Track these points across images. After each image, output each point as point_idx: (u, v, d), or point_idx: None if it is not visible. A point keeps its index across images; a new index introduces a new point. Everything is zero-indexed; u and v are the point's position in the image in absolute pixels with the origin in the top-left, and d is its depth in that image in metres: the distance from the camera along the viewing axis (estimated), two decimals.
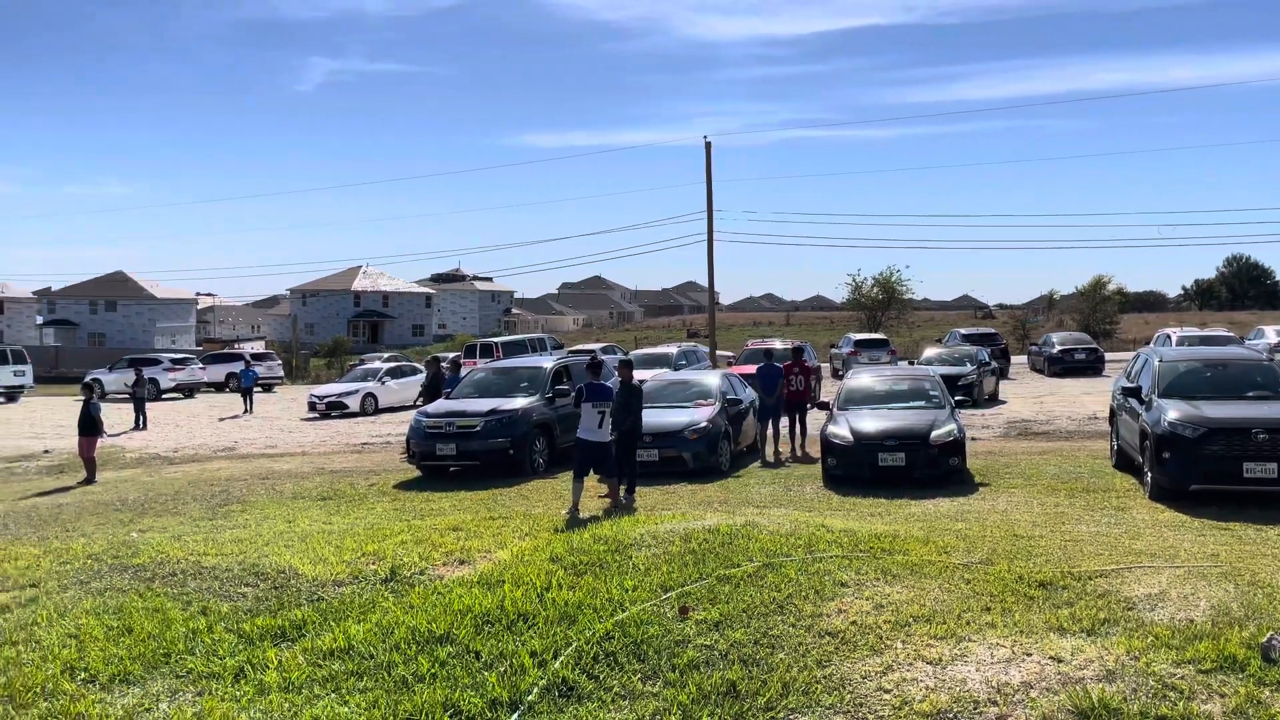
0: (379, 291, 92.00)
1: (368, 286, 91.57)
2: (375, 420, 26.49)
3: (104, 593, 7.50)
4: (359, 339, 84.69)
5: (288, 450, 20.12)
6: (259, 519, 11.15)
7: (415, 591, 7.06)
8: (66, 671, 5.76)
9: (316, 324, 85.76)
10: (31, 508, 13.21)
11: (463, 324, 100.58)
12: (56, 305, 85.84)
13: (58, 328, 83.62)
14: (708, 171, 38.00)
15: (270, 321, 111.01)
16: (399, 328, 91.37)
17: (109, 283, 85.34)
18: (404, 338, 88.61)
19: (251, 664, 5.76)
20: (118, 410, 28.50)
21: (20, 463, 19.61)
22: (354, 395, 28.57)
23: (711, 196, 38.07)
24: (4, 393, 36.52)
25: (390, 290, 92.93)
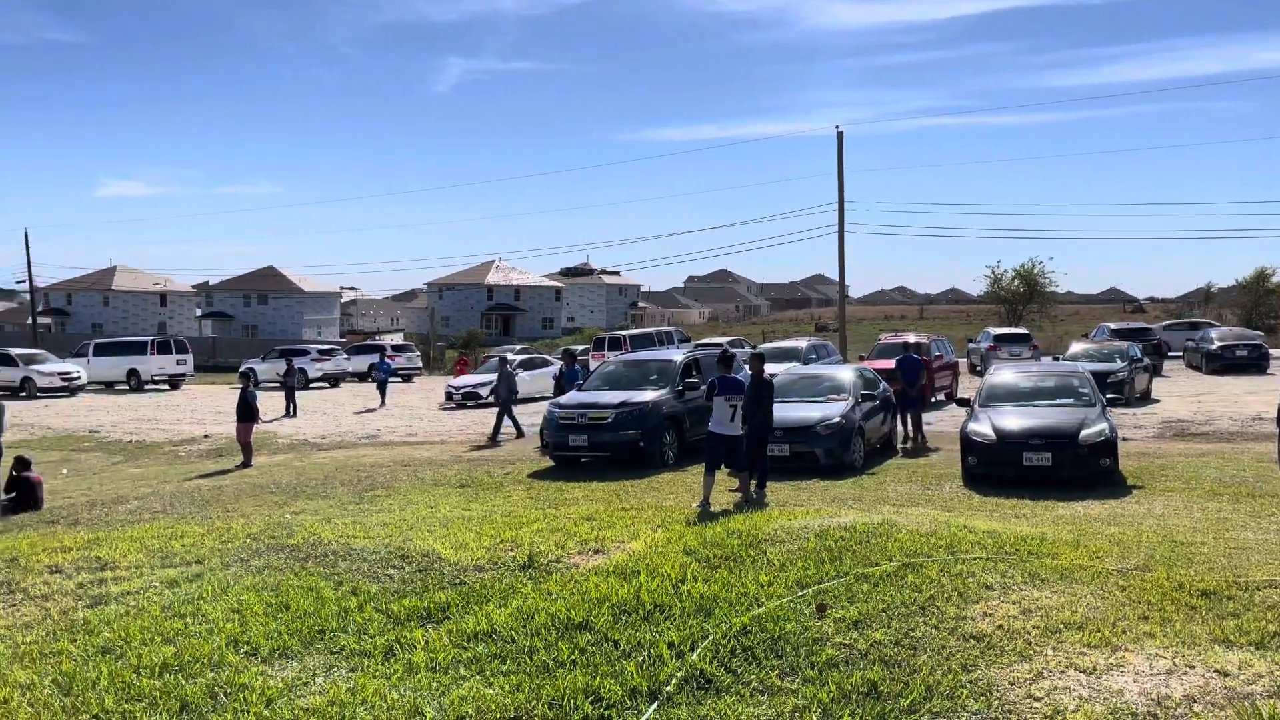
0: (511, 285, 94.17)
1: (500, 280, 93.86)
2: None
3: (262, 571, 7.91)
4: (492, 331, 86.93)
5: (427, 439, 20.83)
6: (402, 504, 11.57)
7: (553, 579, 7.18)
8: (230, 644, 6.09)
9: (452, 317, 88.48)
10: (195, 489, 14.08)
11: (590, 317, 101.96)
12: (214, 299, 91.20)
13: (215, 320, 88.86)
14: (839, 162, 37.35)
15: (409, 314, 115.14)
16: (529, 321, 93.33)
17: (261, 277, 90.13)
18: (534, 330, 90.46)
19: (400, 643, 5.98)
20: (269, 398, 30.08)
21: (184, 446, 20.96)
22: (488, 386, 29.30)
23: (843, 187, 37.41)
24: (168, 380, 39.04)
25: (521, 284, 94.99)
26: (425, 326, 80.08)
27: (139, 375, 38.01)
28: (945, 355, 25.17)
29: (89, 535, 9.70)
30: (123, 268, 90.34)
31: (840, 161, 37.31)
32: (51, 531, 10.34)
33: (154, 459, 19.44)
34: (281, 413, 26.73)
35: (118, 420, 26.61)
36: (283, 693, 5.30)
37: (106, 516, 11.57)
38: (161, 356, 38.72)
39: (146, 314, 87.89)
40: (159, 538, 9.32)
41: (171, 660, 5.81)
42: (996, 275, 58.52)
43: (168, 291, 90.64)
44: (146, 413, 28.89)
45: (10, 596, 7.56)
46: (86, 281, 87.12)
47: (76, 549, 8.89)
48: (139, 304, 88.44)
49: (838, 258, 38.01)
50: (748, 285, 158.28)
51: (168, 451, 20.31)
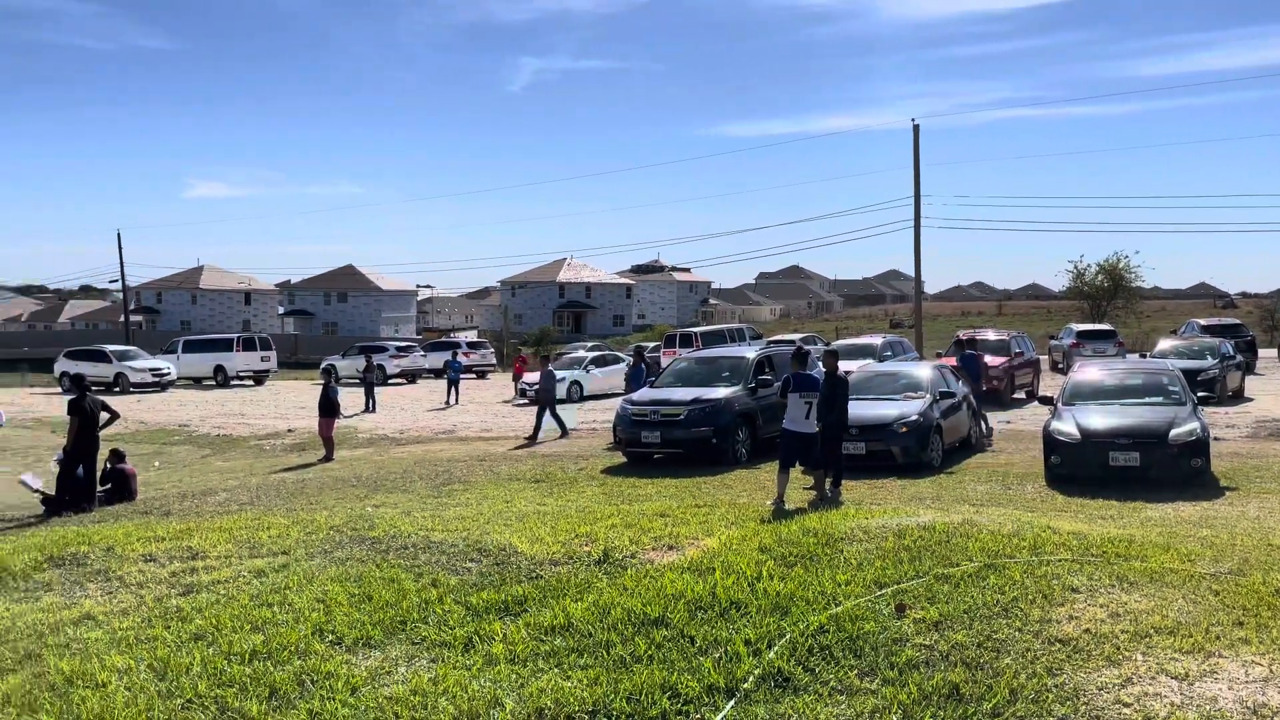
0: (582, 283, 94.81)
1: (572, 278, 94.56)
2: (581, 407, 27.30)
3: (345, 562, 8.10)
4: (563, 328, 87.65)
5: (501, 434, 21.10)
6: (479, 498, 11.74)
7: (628, 574, 7.21)
8: (316, 633, 6.26)
9: (525, 314, 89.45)
10: (280, 481, 14.48)
11: (661, 314, 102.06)
12: (295, 297, 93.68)
13: (296, 317, 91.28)
14: (915, 155, 36.73)
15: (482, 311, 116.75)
16: (601, 318, 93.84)
17: (340, 276, 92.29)
18: (605, 327, 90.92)
19: (479, 635, 6.07)
20: (349, 394, 30.79)
21: (268, 440, 21.57)
22: (561, 383, 29.55)
23: (919, 181, 36.80)
24: (252, 376, 40.23)
25: (593, 281, 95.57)
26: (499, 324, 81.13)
27: (225, 371, 39.27)
28: (1025, 352, 24.56)
29: (180, 526, 10.05)
30: (209, 267, 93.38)
31: (916, 155, 36.69)
32: (145, 521, 10.74)
33: (240, 453, 20.06)
34: (361, 408, 27.34)
35: (206, 415, 27.51)
36: (367, 681, 5.43)
37: (196, 508, 11.98)
38: (246, 353, 39.93)
39: (232, 312, 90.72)
40: (247, 529, 9.61)
41: (260, 648, 5.99)
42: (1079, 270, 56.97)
43: (252, 290, 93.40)
44: (233, 408, 29.81)
45: (108, 584, 7.88)
46: (175, 281, 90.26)
47: (169, 539, 9.22)
48: (225, 302, 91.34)
49: (914, 253, 37.39)
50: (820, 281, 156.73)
51: (253, 445, 20.93)
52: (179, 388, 37.83)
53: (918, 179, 36.71)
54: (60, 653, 6.16)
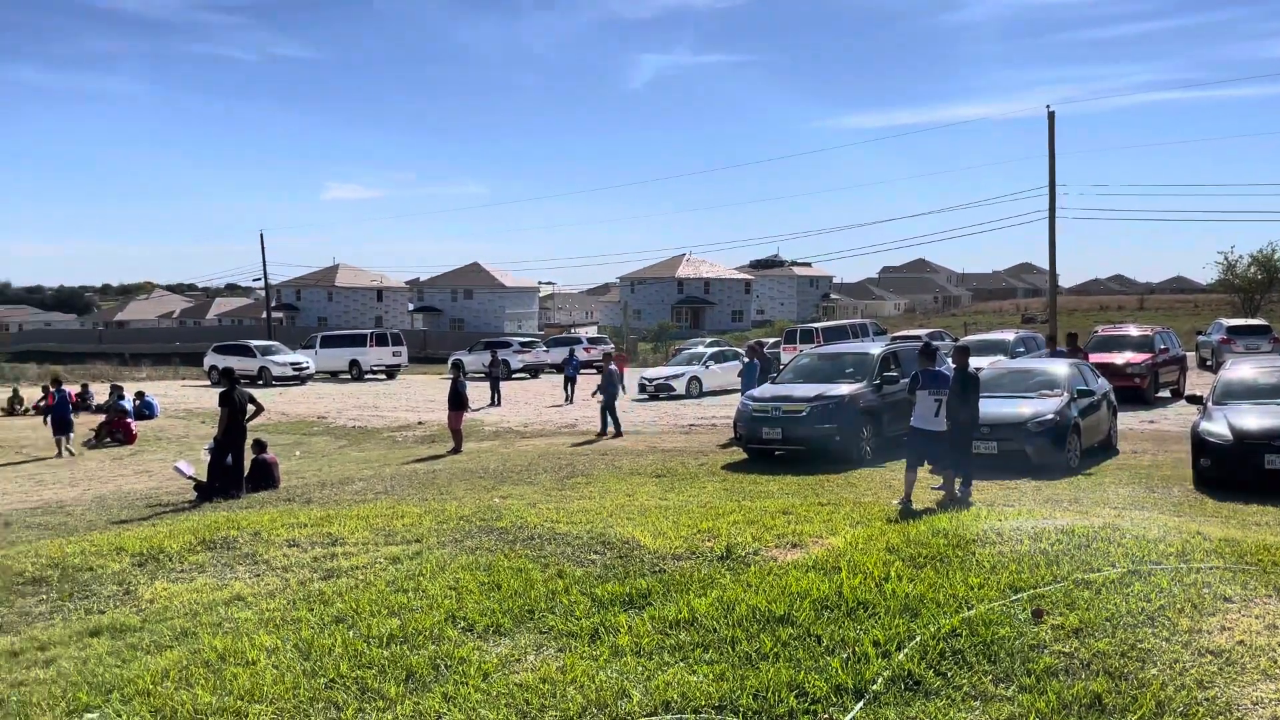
0: (701, 278, 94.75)
1: (690, 274, 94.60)
2: (700, 403, 27.32)
3: (475, 551, 8.33)
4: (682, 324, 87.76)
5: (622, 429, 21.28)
6: (601, 492, 11.89)
7: (751, 571, 7.18)
8: (449, 619, 6.46)
9: (643, 310, 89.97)
10: (411, 472, 15.00)
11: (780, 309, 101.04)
12: (424, 294, 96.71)
13: (425, 314, 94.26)
14: (1050, 143, 35.28)
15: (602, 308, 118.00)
16: (719, 313, 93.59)
17: (466, 273, 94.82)
18: (724, 323, 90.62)
19: (604, 626, 6.15)
20: (475, 388, 31.60)
21: (400, 432, 22.35)
22: (680, 378, 29.64)
23: (1054, 170, 35.32)
24: (385, 371, 41.75)
25: (711, 277, 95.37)
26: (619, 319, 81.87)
27: (359, 365, 40.88)
28: (1171, 349, 23.27)
29: (321, 513, 10.52)
30: (344, 265, 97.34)
31: (1051, 143, 35.23)
32: (288, 508, 11.29)
33: (375, 443, 20.85)
34: (487, 402, 28.02)
35: (342, 407, 28.70)
36: (498, 667, 5.57)
37: (335, 496, 12.52)
38: (379, 348, 41.49)
39: (365, 308, 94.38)
40: (382, 517, 10.00)
41: (397, 632, 6.22)
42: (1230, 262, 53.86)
43: (383, 287, 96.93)
44: (367, 400, 31.00)
45: (255, 567, 8.32)
46: (313, 279, 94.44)
47: (311, 525, 9.67)
48: (358, 299, 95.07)
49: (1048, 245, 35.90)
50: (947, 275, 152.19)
51: (386, 437, 21.73)
52: (317, 381, 39.55)
53: (1053, 168, 35.26)
54: (213, 631, 6.54)
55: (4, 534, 10.79)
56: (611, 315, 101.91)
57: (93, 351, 73.82)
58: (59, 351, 75.29)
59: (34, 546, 9.54)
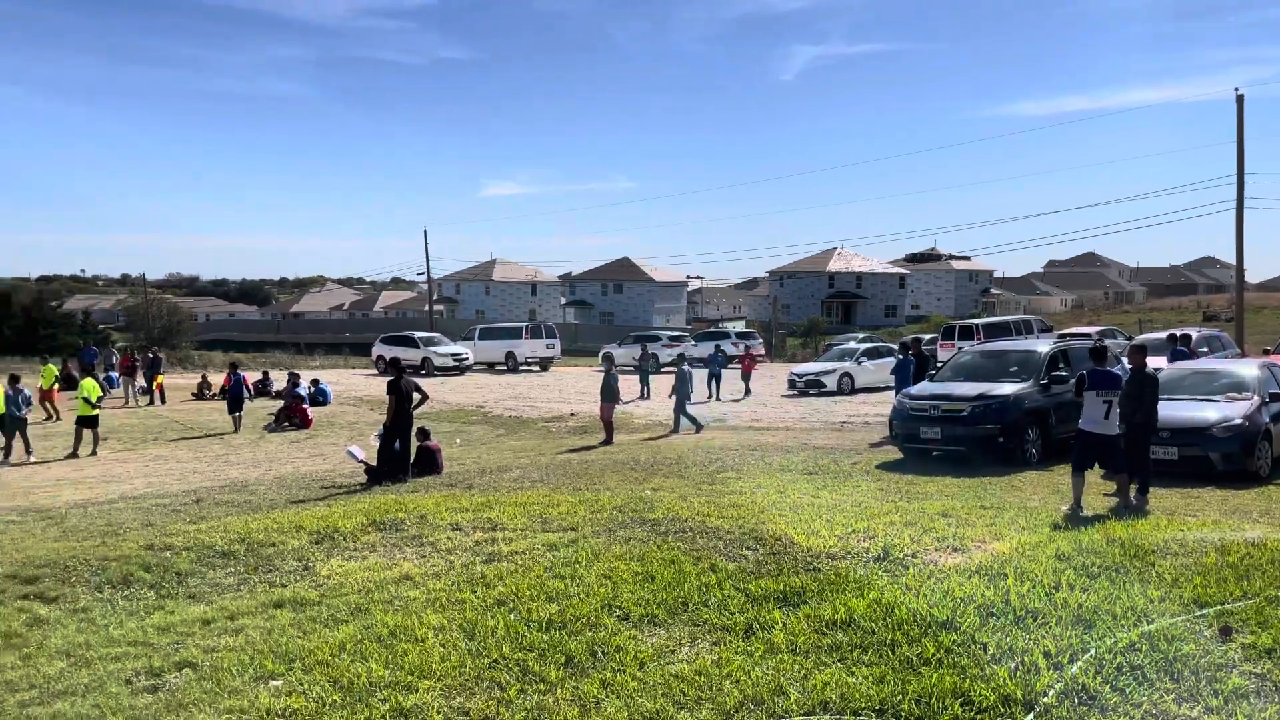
0: (852, 272, 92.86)
1: (841, 268, 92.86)
2: (852, 400, 26.80)
3: (629, 541, 8.44)
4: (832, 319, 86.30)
5: (772, 425, 21.13)
6: (752, 487, 11.83)
7: (909, 573, 7.00)
8: (605, 608, 6.57)
9: (792, 304, 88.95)
10: (565, 462, 15.33)
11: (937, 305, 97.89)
12: (576, 288, 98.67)
13: (577, 307, 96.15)
14: (1239, 129, 32.81)
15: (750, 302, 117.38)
16: (871, 308, 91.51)
17: (617, 268, 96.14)
18: (876, 318, 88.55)
19: (759, 622, 6.12)
20: (625, 381, 31.99)
21: (554, 423, 22.88)
22: (831, 374, 29.17)
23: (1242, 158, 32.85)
24: (539, 362, 42.83)
25: (863, 271, 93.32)
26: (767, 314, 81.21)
27: (515, 357, 42.10)
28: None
29: (481, 499, 10.90)
30: (501, 260, 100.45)
31: (1240, 129, 32.74)
32: (451, 494, 11.74)
33: (529, 433, 21.43)
34: (637, 395, 28.34)
35: (499, 397, 29.63)
36: (653, 658, 5.63)
37: (494, 483, 12.93)
38: (534, 341, 42.60)
39: (520, 302, 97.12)
40: (539, 505, 10.27)
41: (555, 617, 6.38)
42: None
43: (538, 281, 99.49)
44: (522, 391, 31.90)
45: (422, 549, 8.69)
46: (471, 273, 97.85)
47: (472, 510, 10.03)
48: (514, 293, 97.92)
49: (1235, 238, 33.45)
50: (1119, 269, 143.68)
51: (540, 427, 22.30)
52: (475, 372, 40.94)
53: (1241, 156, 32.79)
54: (385, 608, 6.88)
55: (196, 510, 11.65)
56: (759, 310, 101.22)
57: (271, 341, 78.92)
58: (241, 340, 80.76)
59: (223, 522, 10.27)
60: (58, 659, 6.21)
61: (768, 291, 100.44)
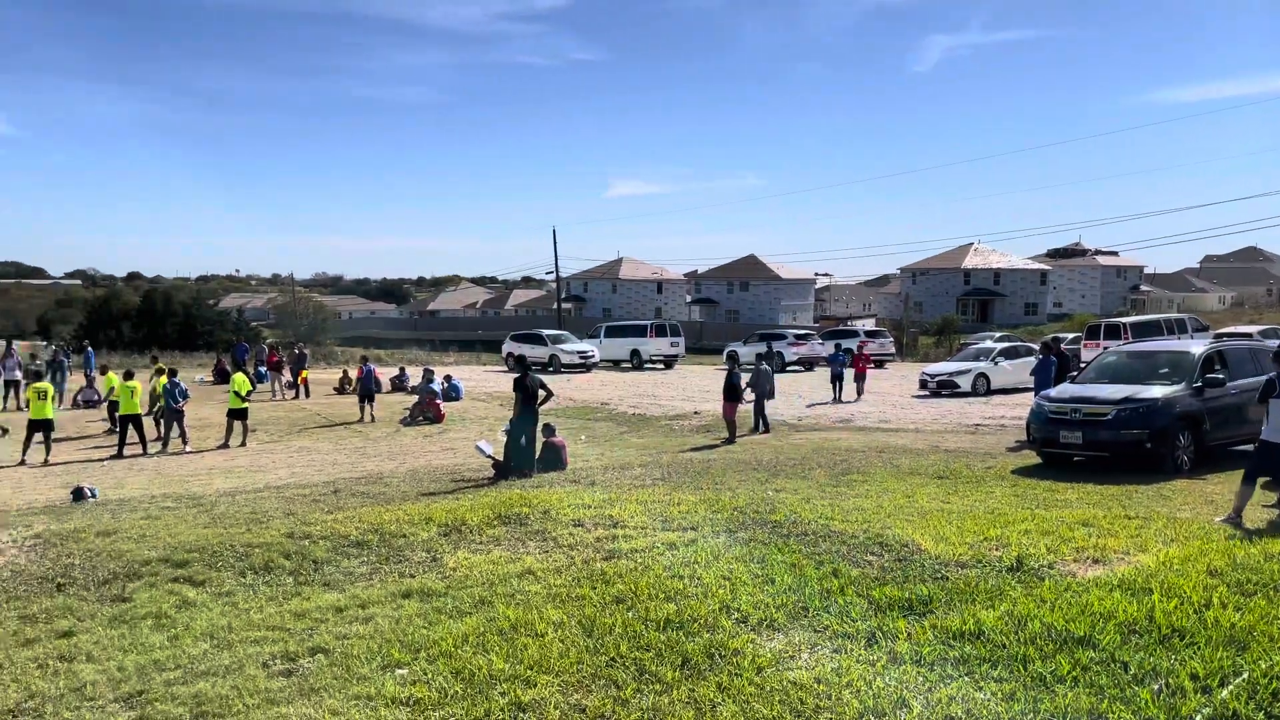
0: (989, 269, 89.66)
1: (978, 264, 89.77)
2: (988, 401, 25.85)
3: (749, 543, 8.35)
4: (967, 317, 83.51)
5: (900, 426, 20.58)
6: (878, 490, 11.53)
7: (1045, 585, 6.67)
8: (723, 610, 6.50)
9: (925, 302, 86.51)
10: (687, 461, 15.30)
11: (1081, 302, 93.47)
12: (701, 286, 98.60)
13: (702, 305, 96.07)
14: None
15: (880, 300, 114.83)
16: (1009, 306, 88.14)
17: (743, 266, 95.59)
18: (1015, 316, 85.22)
19: (882, 631, 5.94)
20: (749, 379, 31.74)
21: (676, 421, 22.89)
22: (966, 375, 28.21)
23: None
24: (663, 360, 42.98)
25: (1001, 267, 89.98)
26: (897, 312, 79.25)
27: (639, 355, 42.37)
28: None
29: (603, 495, 10.98)
30: (627, 259, 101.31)
31: None
32: (574, 490, 11.87)
33: (652, 431, 21.51)
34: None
35: (623, 395, 29.86)
36: (771, 663, 5.53)
37: (616, 480, 13.01)
38: (658, 339, 42.79)
39: (645, 300, 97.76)
40: (660, 503, 10.27)
41: (673, 617, 6.35)
42: None
43: (663, 280, 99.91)
44: (645, 389, 32.06)
45: (544, 543, 8.81)
46: (598, 272, 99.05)
47: (594, 507, 10.12)
48: (639, 291, 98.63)
49: None
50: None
51: (663, 425, 22.34)
52: (600, 369, 41.41)
53: None
54: (507, 601, 6.99)
55: (334, 500, 12.15)
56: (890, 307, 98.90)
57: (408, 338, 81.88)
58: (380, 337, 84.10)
59: (358, 513, 10.67)
60: (202, 640, 6.56)
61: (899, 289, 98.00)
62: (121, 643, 6.59)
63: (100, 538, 9.69)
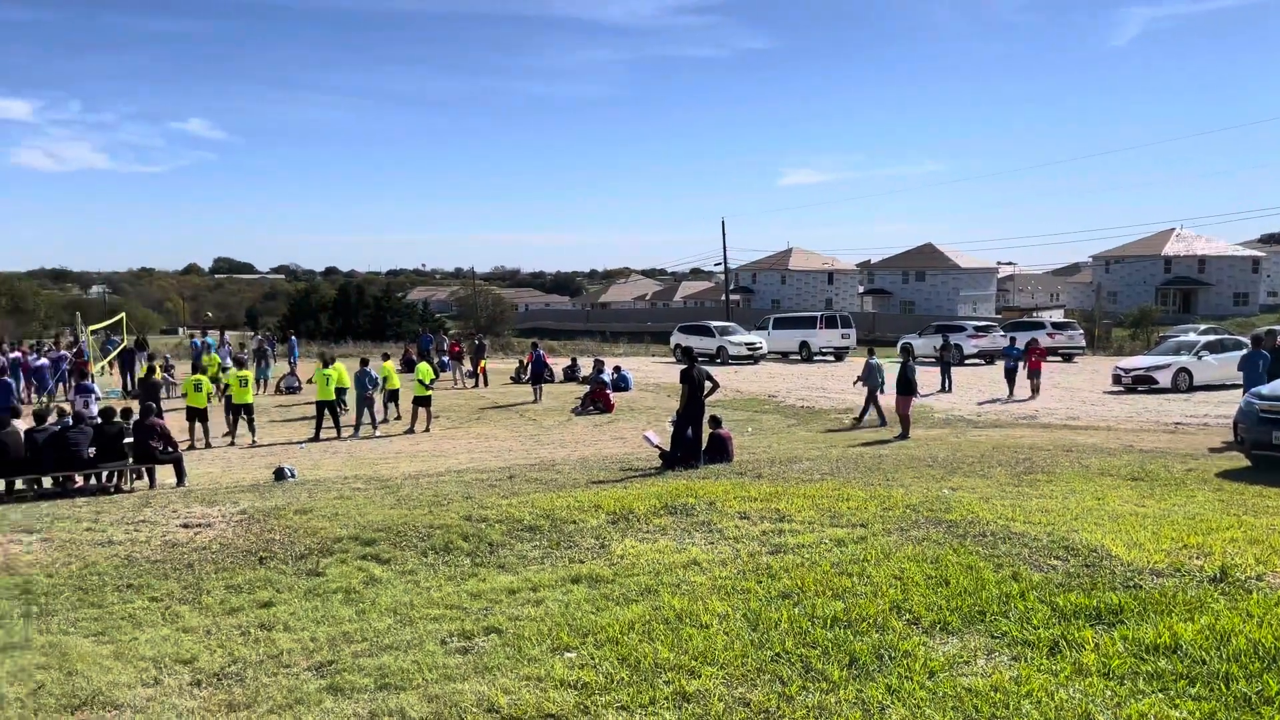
0: (1193, 256, 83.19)
1: (1180, 251, 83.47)
2: (1189, 399, 24.00)
3: (922, 542, 8.07)
4: (1168, 308, 77.84)
5: (1090, 423, 19.41)
6: (1065, 492, 10.91)
7: (1253, 599, 6.13)
8: (893, 610, 6.31)
9: (1120, 292, 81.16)
10: (857, 455, 14.95)
11: None
12: (874, 276, 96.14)
13: (874, 296, 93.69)
14: None
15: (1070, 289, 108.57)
16: (1216, 296, 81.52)
17: (918, 255, 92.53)
18: (1222, 307, 78.75)
19: (1066, 640, 5.61)
20: (924, 373, 30.71)
21: (847, 414, 22.42)
22: (1165, 370, 26.29)
23: None
24: (833, 352, 42.18)
25: (1207, 254, 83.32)
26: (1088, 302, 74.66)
27: (809, 347, 41.74)
28: None
29: (770, 489, 10.88)
30: (797, 249, 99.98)
31: None
32: (740, 482, 11.82)
33: (821, 424, 21.16)
34: (937, 387, 27.12)
35: (791, 387, 29.52)
36: (945, 667, 5.32)
37: (783, 473, 12.87)
38: (828, 330, 42.01)
39: (815, 291, 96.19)
40: (828, 498, 10.09)
41: (840, 615, 6.22)
42: None
43: (834, 270, 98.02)
44: (815, 381, 31.56)
45: (709, 535, 8.82)
46: (767, 263, 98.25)
47: (760, 500, 10.04)
48: (809, 282, 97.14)
49: None
50: None
51: (833, 418, 21.94)
52: (769, 361, 41.06)
53: None
54: (672, 591, 7.04)
55: (509, 485, 12.58)
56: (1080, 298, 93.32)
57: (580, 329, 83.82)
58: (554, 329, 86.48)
59: (531, 498, 11.00)
60: (386, 616, 6.93)
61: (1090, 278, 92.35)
62: (315, 615, 7.04)
63: (298, 515, 10.40)
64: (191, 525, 10.19)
